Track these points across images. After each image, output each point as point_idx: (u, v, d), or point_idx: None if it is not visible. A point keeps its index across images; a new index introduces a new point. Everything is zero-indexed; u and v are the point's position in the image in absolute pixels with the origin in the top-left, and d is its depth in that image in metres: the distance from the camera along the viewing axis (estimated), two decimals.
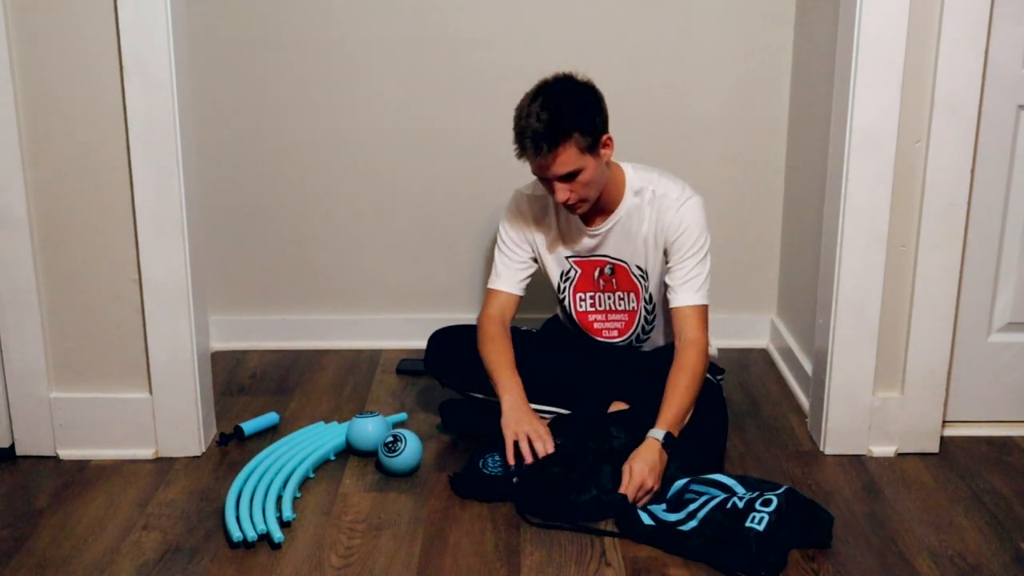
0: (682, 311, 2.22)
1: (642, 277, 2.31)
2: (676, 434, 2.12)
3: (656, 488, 2.08)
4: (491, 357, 2.28)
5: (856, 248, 2.23)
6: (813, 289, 2.43)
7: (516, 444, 2.12)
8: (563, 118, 2.07)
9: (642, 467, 2.06)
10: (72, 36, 2.09)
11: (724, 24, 2.77)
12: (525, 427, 2.14)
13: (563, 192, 2.13)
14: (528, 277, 2.37)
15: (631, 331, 2.37)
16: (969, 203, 2.23)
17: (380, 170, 2.89)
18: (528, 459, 2.10)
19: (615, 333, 2.38)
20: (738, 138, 2.86)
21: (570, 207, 2.18)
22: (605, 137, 2.15)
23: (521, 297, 2.38)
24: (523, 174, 2.45)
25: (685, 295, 2.22)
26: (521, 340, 2.38)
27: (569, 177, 2.11)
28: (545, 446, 2.11)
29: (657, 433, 2.11)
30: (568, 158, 2.09)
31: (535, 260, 2.38)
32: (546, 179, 2.15)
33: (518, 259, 2.35)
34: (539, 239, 2.35)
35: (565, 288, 2.38)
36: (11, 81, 2.10)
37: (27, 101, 2.13)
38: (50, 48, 2.10)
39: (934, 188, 2.20)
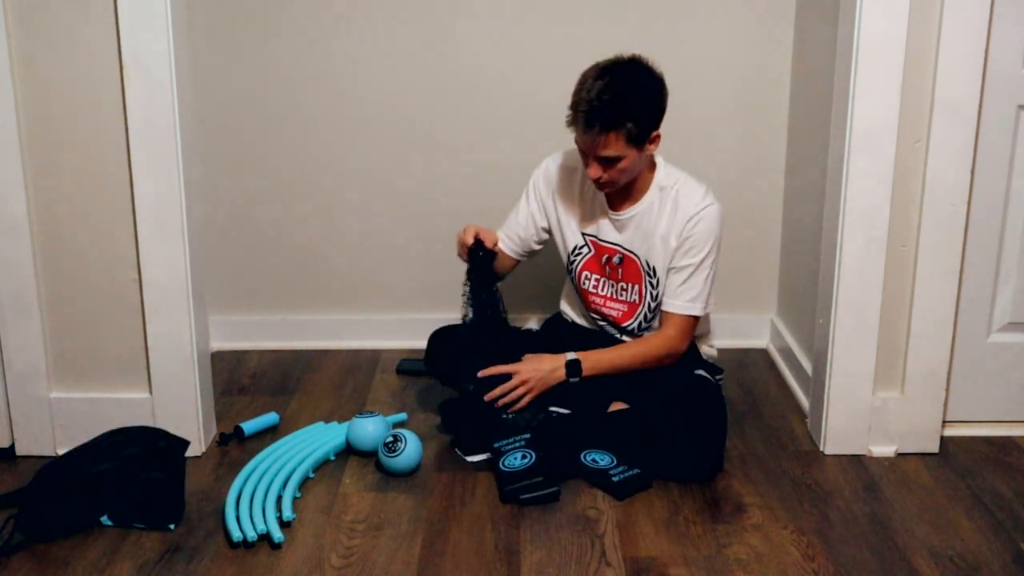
0: (668, 315, 2.28)
1: (650, 274, 2.31)
2: (584, 373, 2.24)
3: (523, 400, 2.21)
4: None
5: (856, 248, 2.23)
6: (813, 289, 2.43)
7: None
8: (624, 105, 2.10)
9: (530, 368, 2.21)
10: (72, 36, 2.09)
11: (724, 24, 2.77)
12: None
13: (596, 170, 2.18)
14: (523, 245, 2.41)
15: (630, 321, 2.37)
16: (969, 203, 2.23)
17: (380, 170, 2.89)
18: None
19: (616, 314, 2.39)
20: (738, 138, 2.86)
21: (598, 184, 2.22)
22: (654, 133, 2.18)
23: (516, 261, 2.44)
24: (525, 175, 2.46)
25: (676, 300, 2.27)
26: (522, 340, 2.37)
27: (608, 160, 2.15)
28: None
29: (570, 355, 2.24)
30: (614, 145, 2.13)
31: (547, 231, 2.41)
32: (585, 153, 2.19)
33: (528, 221, 2.40)
34: (560, 208, 2.38)
35: (575, 260, 2.40)
36: (11, 81, 2.10)
37: (27, 101, 2.12)
38: (50, 48, 2.10)
39: (934, 188, 2.20)
